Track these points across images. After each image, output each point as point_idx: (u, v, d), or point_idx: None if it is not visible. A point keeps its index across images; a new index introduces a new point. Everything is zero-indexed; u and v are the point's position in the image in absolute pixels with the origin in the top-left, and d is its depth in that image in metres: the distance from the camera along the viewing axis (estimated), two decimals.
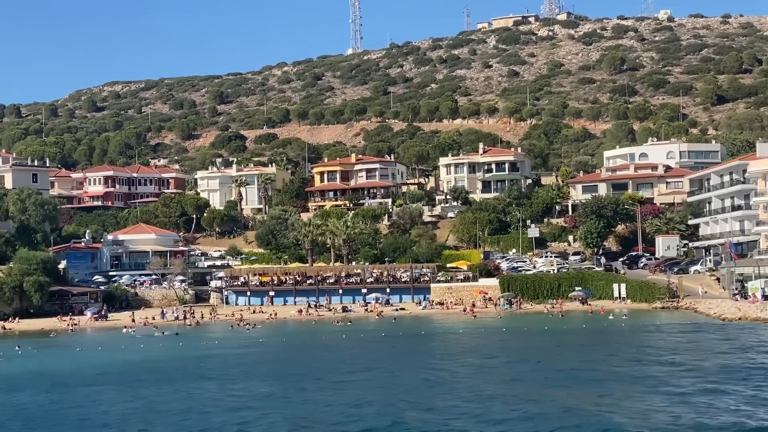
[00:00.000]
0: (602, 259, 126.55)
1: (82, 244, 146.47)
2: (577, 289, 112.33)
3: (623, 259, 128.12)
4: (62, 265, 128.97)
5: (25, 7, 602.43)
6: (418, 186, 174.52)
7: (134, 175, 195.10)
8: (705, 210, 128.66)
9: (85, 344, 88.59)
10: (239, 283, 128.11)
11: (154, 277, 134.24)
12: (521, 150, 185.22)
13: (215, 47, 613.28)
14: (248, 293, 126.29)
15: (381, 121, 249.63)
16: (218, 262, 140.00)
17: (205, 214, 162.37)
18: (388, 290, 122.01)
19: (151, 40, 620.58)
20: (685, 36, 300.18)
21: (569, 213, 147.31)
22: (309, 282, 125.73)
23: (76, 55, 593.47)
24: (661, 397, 46.08)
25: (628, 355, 64.31)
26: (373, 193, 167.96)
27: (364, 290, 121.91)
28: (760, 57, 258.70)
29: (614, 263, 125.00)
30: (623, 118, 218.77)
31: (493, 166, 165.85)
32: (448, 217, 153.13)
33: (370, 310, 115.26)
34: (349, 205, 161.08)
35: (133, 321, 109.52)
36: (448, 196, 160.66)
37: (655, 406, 43.96)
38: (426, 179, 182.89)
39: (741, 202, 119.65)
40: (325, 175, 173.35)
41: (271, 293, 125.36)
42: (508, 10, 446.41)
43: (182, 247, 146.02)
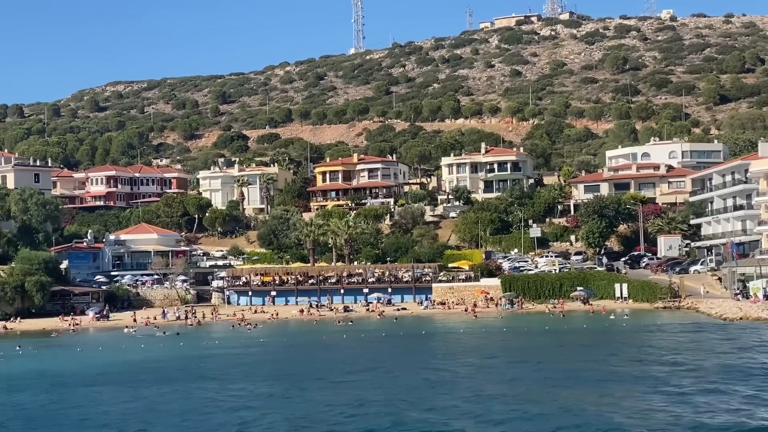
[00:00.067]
0: (604, 259, 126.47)
1: (84, 244, 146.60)
2: (578, 289, 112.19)
3: (625, 258, 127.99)
4: (64, 264, 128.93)
5: (28, 6, 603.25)
6: (420, 186, 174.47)
7: (136, 175, 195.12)
8: (707, 210, 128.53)
9: (86, 344, 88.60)
10: (241, 283, 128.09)
11: (156, 277, 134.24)
12: (523, 150, 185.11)
13: (218, 47, 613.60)
14: (250, 293, 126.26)
15: (383, 121, 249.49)
16: (220, 262, 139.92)
17: (207, 214, 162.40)
18: (390, 290, 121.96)
19: (153, 40, 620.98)
20: (688, 35, 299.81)
21: (571, 213, 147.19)
22: (311, 282, 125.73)
23: (79, 55, 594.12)
24: (661, 397, 46.05)
25: (629, 355, 64.25)
26: (375, 193, 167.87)
27: (365, 290, 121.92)
28: (763, 57, 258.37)
29: (616, 263, 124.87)
30: (625, 117, 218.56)
31: (495, 166, 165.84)
32: (450, 217, 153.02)
33: (372, 310, 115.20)
34: (351, 205, 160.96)
35: (134, 321, 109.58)
36: (450, 196, 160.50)
37: (655, 406, 43.93)
38: (428, 179, 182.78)
39: (743, 202, 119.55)
40: (327, 175, 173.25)
41: (273, 293, 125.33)
42: (511, 10, 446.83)
43: (184, 247, 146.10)
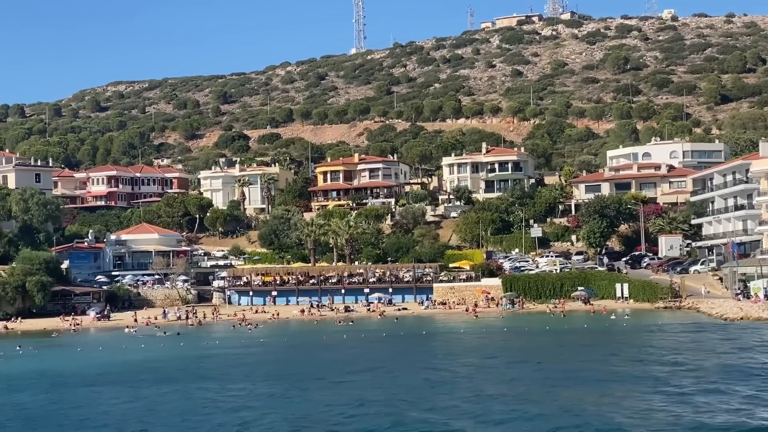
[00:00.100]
0: (605, 259, 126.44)
1: (85, 244, 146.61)
2: (579, 288, 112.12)
3: (626, 258, 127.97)
4: (65, 265, 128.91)
5: (29, 7, 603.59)
6: (421, 186, 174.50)
7: (137, 174, 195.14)
8: (708, 210, 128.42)
9: (87, 344, 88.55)
10: (242, 283, 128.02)
11: (157, 277, 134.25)
12: (524, 150, 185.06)
13: (219, 47, 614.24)
14: (251, 293, 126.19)
15: (384, 121, 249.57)
16: (221, 262, 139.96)
17: (208, 214, 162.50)
18: (391, 290, 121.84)
19: (154, 40, 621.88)
20: (689, 35, 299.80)
21: (572, 213, 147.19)
22: (311, 282, 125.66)
23: (80, 55, 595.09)
24: (662, 397, 46.00)
25: (630, 355, 64.19)
26: (376, 193, 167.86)
27: (366, 290, 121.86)
28: (764, 56, 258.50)
29: (617, 263, 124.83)
30: (627, 117, 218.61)
31: (496, 166, 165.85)
32: (451, 217, 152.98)
33: (373, 310, 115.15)
34: (352, 205, 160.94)
35: (135, 321, 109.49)
36: (451, 196, 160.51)
37: (656, 406, 43.89)
38: (429, 179, 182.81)
39: (744, 202, 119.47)
40: (328, 175, 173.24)
41: (274, 293, 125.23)
42: (512, 10, 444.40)
43: (185, 247, 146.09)
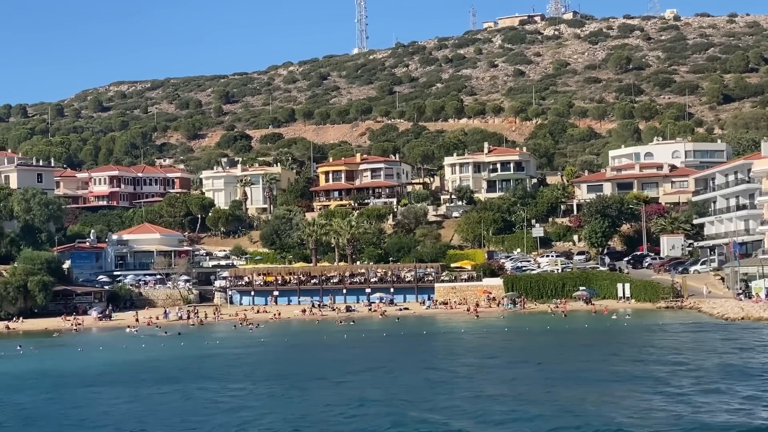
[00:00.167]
0: (606, 259, 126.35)
1: (87, 244, 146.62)
2: (581, 288, 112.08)
3: (628, 258, 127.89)
4: (66, 264, 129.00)
5: (31, 7, 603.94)
6: (423, 186, 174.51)
7: (139, 174, 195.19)
8: (710, 209, 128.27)
9: (87, 344, 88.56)
10: (243, 283, 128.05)
11: (159, 276, 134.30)
12: (526, 149, 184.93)
13: (221, 47, 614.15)
14: (252, 293, 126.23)
15: (386, 121, 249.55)
16: (223, 262, 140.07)
17: (209, 214, 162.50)
18: (392, 290, 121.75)
19: (156, 40, 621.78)
20: (692, 35, 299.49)
21: (574, 212, 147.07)
22: (313, 282, 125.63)
23: (83, 56, 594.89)
24: (662, 397, 45.90)
25: (630, 354, 64.10)
26: (378, 193, 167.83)
27: (368, 290, 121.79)
28: (767, 56, 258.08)
29: (618, 263, 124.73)
30: (629, 117, 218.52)
31: (498, 166, 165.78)
32: (453, 217, 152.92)
33: (374, 310, 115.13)
34: (354, 205, 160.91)
35: (136, 321, 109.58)
36: (453, 196, 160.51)
37: (656, 405, 43.79)
38: (431, 179, 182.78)
39: (746, 202, 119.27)
40: (330, 175, 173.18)
41: (275, 293, 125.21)
42: (514, 10, 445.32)
43: (187, 247, 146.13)
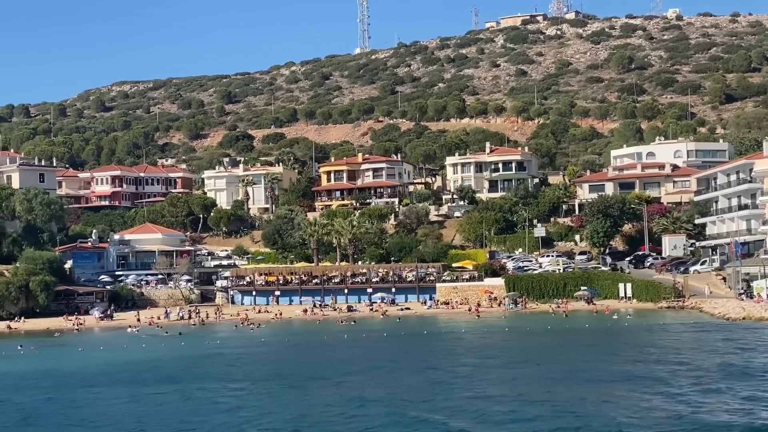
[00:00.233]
0: (608, 259, 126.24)
1: (89, 244, 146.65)
2: (582, 288, 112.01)
3: (629, 258, 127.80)
4: (68, 264, 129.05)
5: (33, 7, 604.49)
6: (425, 185, 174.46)
7: (141, 174, 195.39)
8: (712, 209, 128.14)
9: (88, 344, 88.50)
10: (245, 283, 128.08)
11: (160, 276, 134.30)
12: (528, 149, 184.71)
13: (223, 47, 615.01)
14: (254, 293, 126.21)
15: (388, 121, 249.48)
16: (225, 262, 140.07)
17: (211, 214, 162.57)
18: (394, 290, 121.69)
19: (159, 40, 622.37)
20: (694, 35, 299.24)
21: (576, 212, 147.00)
22: (314, 281, 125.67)
23: (85, 55, 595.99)
24: (663, 397, 45.85)
25: (631, 354, 64.05)
26: (380, 193, 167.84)
27: (369, 290, 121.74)
28: None
29: (620, 263, 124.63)
30: (631, 117, 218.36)
31: (500, 166, 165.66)
32: (455, 217, 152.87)
33: (375, 310, 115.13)
34: (356, 205, 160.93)
35: (138, 321, 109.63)
36: (455, 196, 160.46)
37: (657, 405, 43.75)
38: (433, 179, 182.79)
39: (748, 201, 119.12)
40: (332, 175, 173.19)
41: (277, 293, 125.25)
42: (516, 9, 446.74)
43: (188, 247, 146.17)
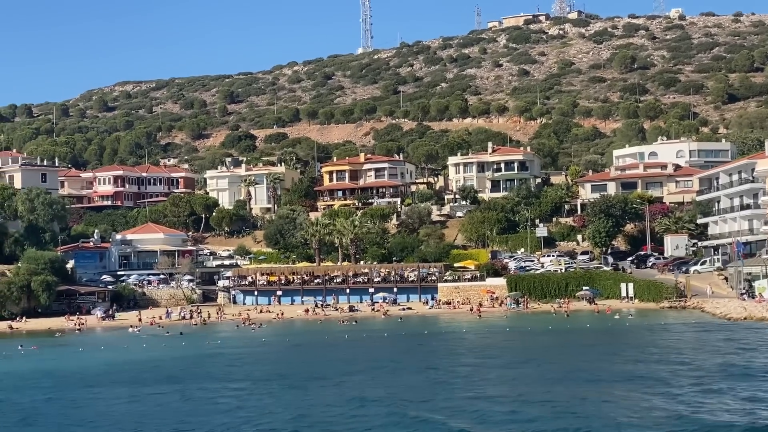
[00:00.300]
0: (609, 259, 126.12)
1: (91, 244, 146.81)
2: (584, 288, 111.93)
3: (631, 258, 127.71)
4: (70, 264, 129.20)
5: (36, 7, 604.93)
6: (427, 185, 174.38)
7: (144, 174, 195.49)
8: (714, 209, 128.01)
9: (89, 344, 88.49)
10: (247, 283, 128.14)
11: (162, 276, 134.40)
12: (531, 149, 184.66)
13: (226, 47, 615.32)
14: (256, 293, 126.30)
15: (391, 121, 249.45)
16: (227, 262, 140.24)
17: (214, 214, 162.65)
18: (396, 290, 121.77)
19: (161, 40, 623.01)
20: (697, 34, 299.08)
21: (578, 212, 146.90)
22: (316, 281, 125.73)
23: (88, 55, 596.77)
24: (664, 397, 45.75)
25: (632, 354, 63.92)
26: (382, 193, 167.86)
27: (371, 290, 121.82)
28: None
29: (622, 263, 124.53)
30: (634, 117, 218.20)
31: (502, 166, 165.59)
32: (457, 217, 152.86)
33: (377, 310, 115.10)
34: (358, 205, 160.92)
35: (139, 320, 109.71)
36: (457, 196, 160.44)
37: (657, 405, 43.66)
38: (435, 178, 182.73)
39: (750, 201, 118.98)
40: (334, 175, 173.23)
41: (279, 293, 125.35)
42: (519, 9, 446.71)
43: (190, 247, 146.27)
